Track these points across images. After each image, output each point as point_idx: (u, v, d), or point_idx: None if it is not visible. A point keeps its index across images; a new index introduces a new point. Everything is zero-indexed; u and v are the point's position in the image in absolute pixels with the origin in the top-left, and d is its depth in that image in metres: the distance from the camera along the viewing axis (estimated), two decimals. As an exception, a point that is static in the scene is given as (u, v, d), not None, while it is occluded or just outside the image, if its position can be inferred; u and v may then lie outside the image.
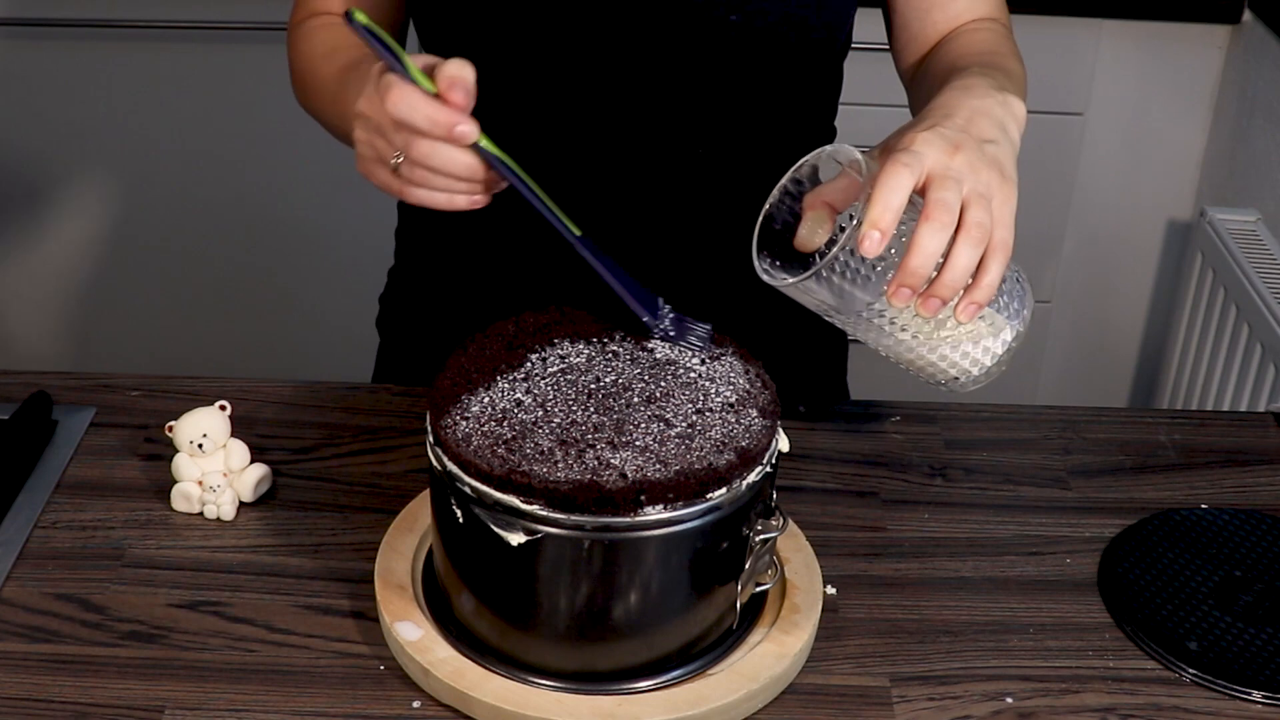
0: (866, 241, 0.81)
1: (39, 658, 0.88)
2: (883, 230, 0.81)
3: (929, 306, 0.85)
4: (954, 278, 0.84)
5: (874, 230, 0.81)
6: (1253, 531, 1.03)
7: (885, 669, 0.90)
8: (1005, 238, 0.85)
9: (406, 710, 0.86)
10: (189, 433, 0.99)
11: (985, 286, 0.85)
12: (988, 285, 0.85)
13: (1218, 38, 2.10)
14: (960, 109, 0.90)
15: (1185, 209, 2.23)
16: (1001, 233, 0.85)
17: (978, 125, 0.89)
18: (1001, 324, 0.90)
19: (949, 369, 0.92)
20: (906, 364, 0.92)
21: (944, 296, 0.84)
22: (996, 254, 0.85)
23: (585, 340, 0.92)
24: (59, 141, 2.19)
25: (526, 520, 0.81)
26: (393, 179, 0.89)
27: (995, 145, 0.88)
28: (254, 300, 2.32)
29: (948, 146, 0.85)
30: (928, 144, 0.85)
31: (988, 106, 0.91)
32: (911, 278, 0.83)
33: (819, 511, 1.04)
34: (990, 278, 0.85)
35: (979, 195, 0.84)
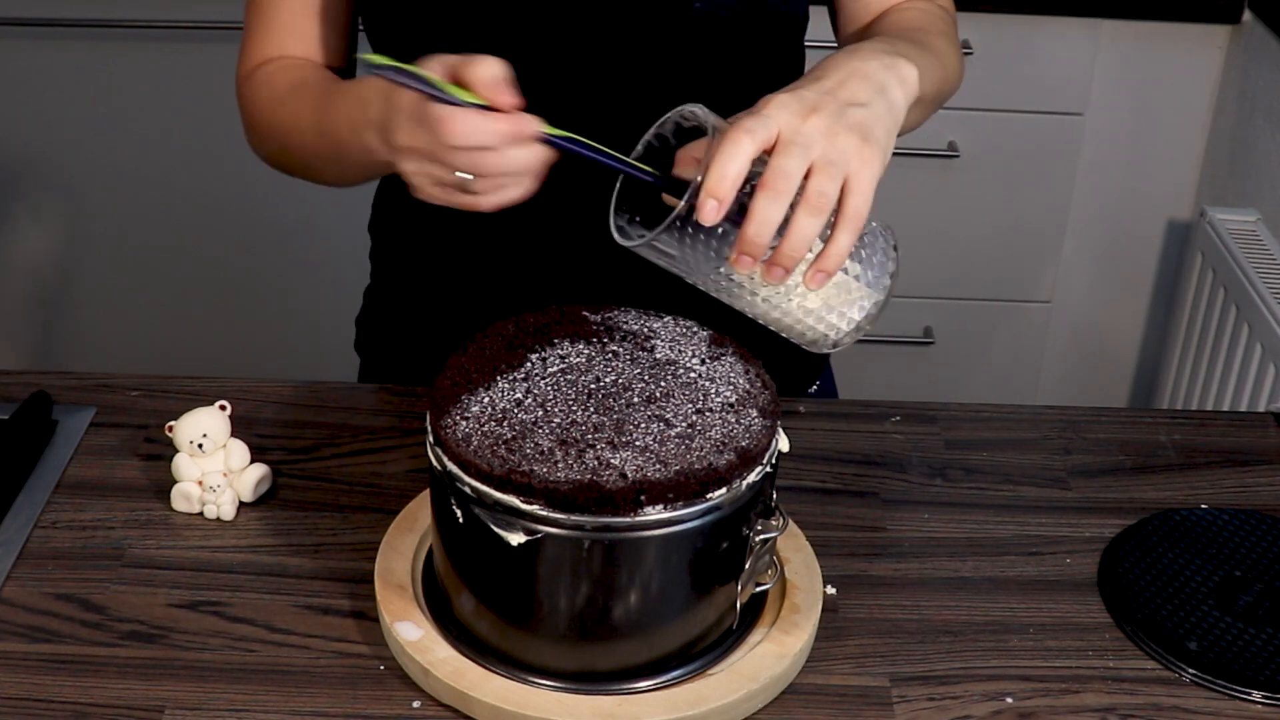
0: (704, 209, 0.80)
1: (39, 658, 0.88)
2: (719, 198, 0.80)
3: (773, 275, 0.83)
4: (794, 246, 0.82)
5: (710, 198, 0.80)
6: (1253, 531, 1.03)
7: (885, 669, 0.90)
8: (858, 206, 0.83)
9: (406, 710, 0.86)
10: (189, 433, 0.99)
11: (832, 255, 0.83)
12: (835, 254, 0.83)
13: (1218, 38, 2.10)
14: (836, 71, 0.88)
15: (1185, 209, 2.23)
16: (855, 200, 0.83)
17: (849, 87, 0.86)
18: (859, 291, 0.88)
19: (806, 332, 0.90)
20: (770, 325, 0.90)
21: (785, 265, 0.83)
22: (846, 223, 0.83)
23: (585, 340, 0.92)
24: (59, 141, 2.19)
25: (526, 520, 0.81)
26: (465, 197, 0.87)
27: (864, 108, 0.86)
28: (254, 300, 2.32)
29: (803, 109, 0.83)
30: (781, 107, 0.83)
31: (869, 69, 0.88)
32: (750, 246, 0.81)
33: (819, 511, 1.04)
34: (838, 246, 0.83)
35: (829, 163, 0.82)
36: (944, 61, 1.03)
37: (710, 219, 0.80)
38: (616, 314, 0.95)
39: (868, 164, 0.83)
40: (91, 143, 2.19)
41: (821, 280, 0.85)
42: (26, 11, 2.08)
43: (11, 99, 2.15)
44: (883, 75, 0.88)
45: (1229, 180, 2.10)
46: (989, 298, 2.29)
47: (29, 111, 2.16)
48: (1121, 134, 2.17)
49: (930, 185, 2.16)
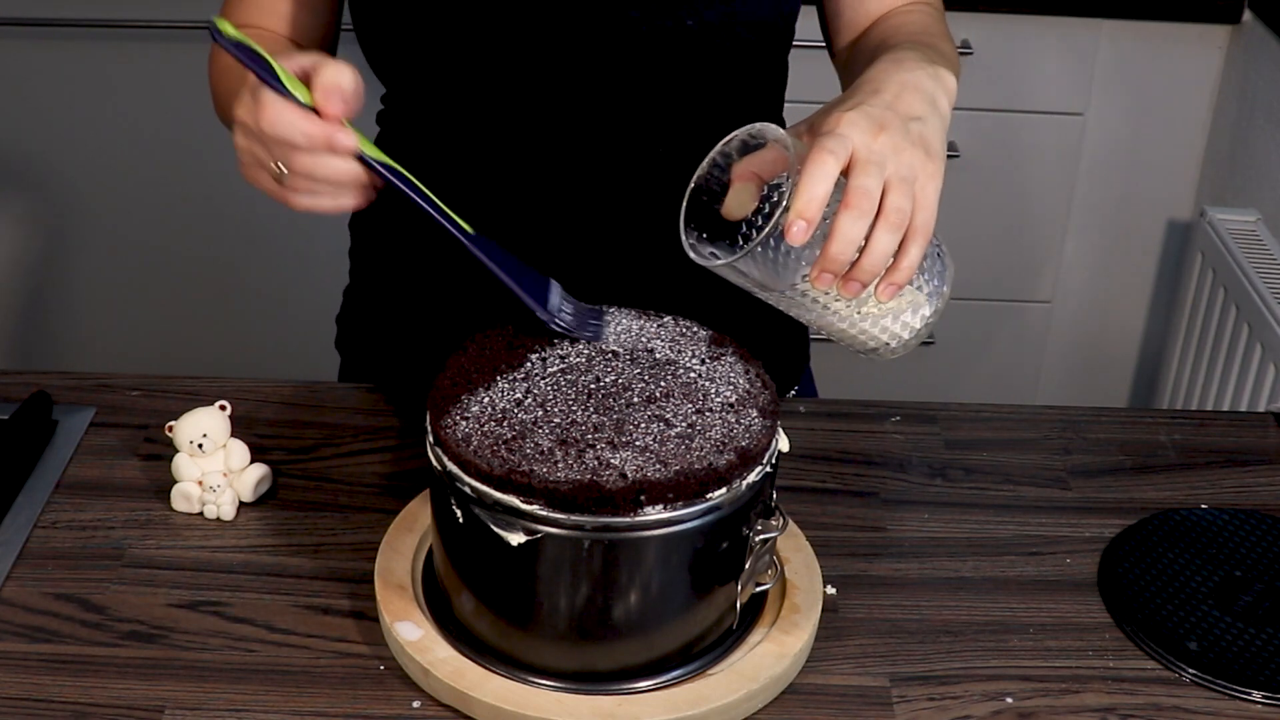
0: (793, 230, 0.81)
1: (39, 658, 0.88)
2: (808, 219, 0.81)
3: (850, 289, 0.85)
4: (873, 262, 0.84)
5: (800, 220, 0.81)
6: (1253, 531, 1.03)
7: (885, 669, 0.90)
8: (926, 220, 0.86)
9: (406, 710, 0.86)
10: (189, 433, 0.99)
11: (905, 269, 0.86)
12: (907, 267, 0.86)
13: (1218, 38, 2.10)
14: (889, 84, 0.90)
15: (1185, 209, 2.23)
16: (923, 215, 0.86)
17: (905, 101, 0.89)
18: (921, 300, 0.91)
19: (869, 341, 0.93)
20: (830, 334, 0.93)
21: (864, 280, 0.85)
22: (917, 236, 0.85)
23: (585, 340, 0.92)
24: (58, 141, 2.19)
25: (526, 520, 0.81)
26: (276, 187, 0.89)
27: (922, 122, 0.88)
28: (255, 300, 2.32)
29: (873, 127, 0.85)
30: (852, 125, 0.85)
31: (917, 80, 0.91)
32: (833, 264, 0.83)
33: (819, 511, 1.04)
34: (910, 260, 0.86)
35: (901, 179, 0.84)
36: (954, 66, 1.04)
37: (799, 240, 0.82)
38: (617, 314, 0.95)
39: (933, 178, 0.86)
40: (91, 143, 2.19)
41: (893, 292, 0.87)
42: (26, 11, 2.08)
43: (11, 99, 2.15)
44: (930, 85, 0.91)
45: (1229, 180, 2.10)
46: (989, 298, 2.29)
47: (29, 111, 2.16)
48: (1121, 134, 2.17)
49: (930, 185, 2.16)
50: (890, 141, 0.85)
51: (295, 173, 0.87)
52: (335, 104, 0.85)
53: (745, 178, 0.89)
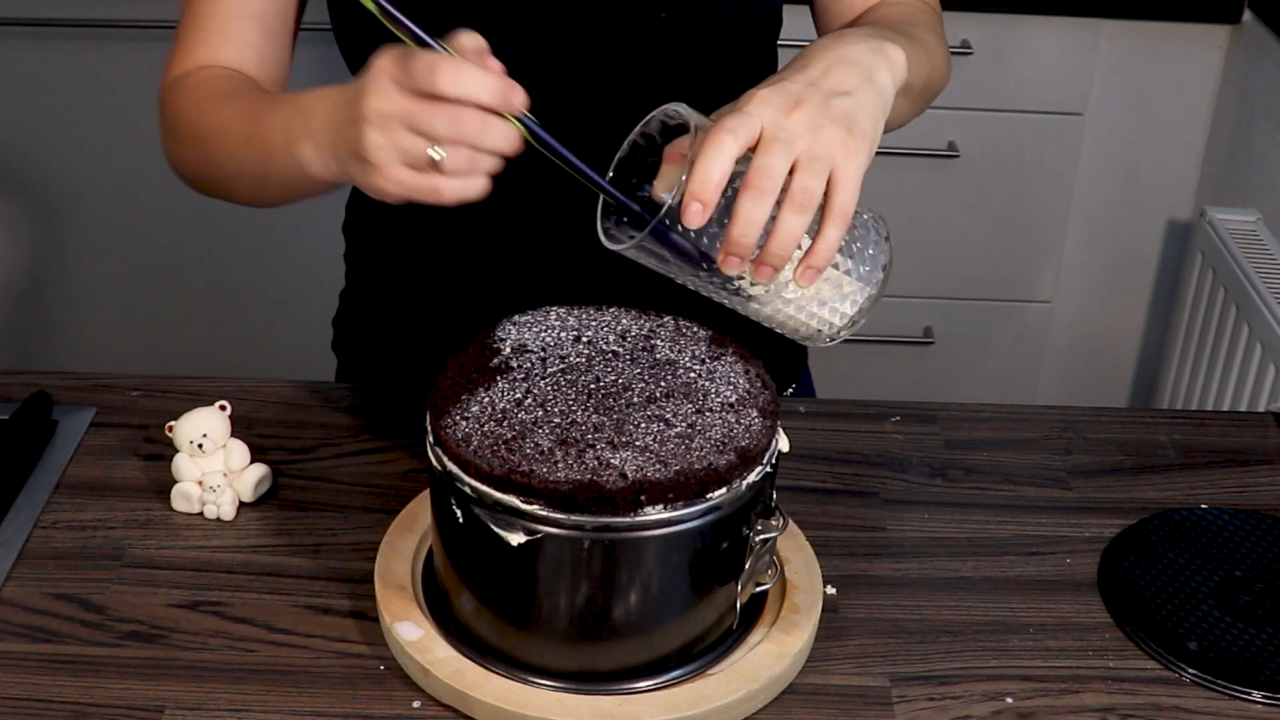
0: (688, 212, 0.79)
1: (39, 658, 0.88)
2: (704, 201, 0.79)
3: (761, 274, 0.82)
4: (781, 245, 0.81)
5: (695, 201, 0.79)
6: (1253, 531, 1.03)
7: (885, 669, 0.90)
8: (844, 200, 0.82)
9: (406, 710, 0.86)
10: (189, 433, 0.99)
11: (820, 252, 0.82)
12: (823, 250, 0.82)
13: (1218, 38, 2.10)
14: (819, 59, 0.86)
15: (1185, 209, 2.23)
16: (840, 195, 0.82)
17: (834, 75, 0.84)
18: (851, 284, 0.87)
19: (800, 328, 0.89)
20: (762, 321, 0.90)
21: (774, 264, 0.82)
22: (833, 218, 0.82)
23: (586, 340, 0.92)
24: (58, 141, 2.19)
25: (526, 520, 0.81)
26: (425, 179, 0.82)
27: (849, 97, 0.84)
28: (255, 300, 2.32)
29: (786, 103, 0.81)
30: (764, 103, 0.81)
31: (854, 54, 0.86)
32: (737, 247, 0.80)
33: (819, 511, 1.04)
34: (826, 242, 0.82)
35: (813, 157, 0.80)
36: (931, 54, 1.01)
37: (695, 222, 0.79)
38: (617, 314, 0.95)
39: (853, 156, 0.82)
40: (91, 143, 2.19)
41: (811, 277, 0.84)
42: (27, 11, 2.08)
43: (11, 99, 2.15)
44: (869, 59, 0.86)
45: (1229, 180, 2.10)
46: (989, 298, 2.29)
47: (29, 111, 2.16)
48: (1121, 134, 2.17)
49: (930, 185, 2.16)
50: (805, 118, 0.81)
51: (463, 142, 0.80)
52: (494, 61, 0.81)
53: (674, 160, 0.85)
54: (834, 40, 0.88)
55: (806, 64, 0.86)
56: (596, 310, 0.95)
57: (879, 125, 0.86)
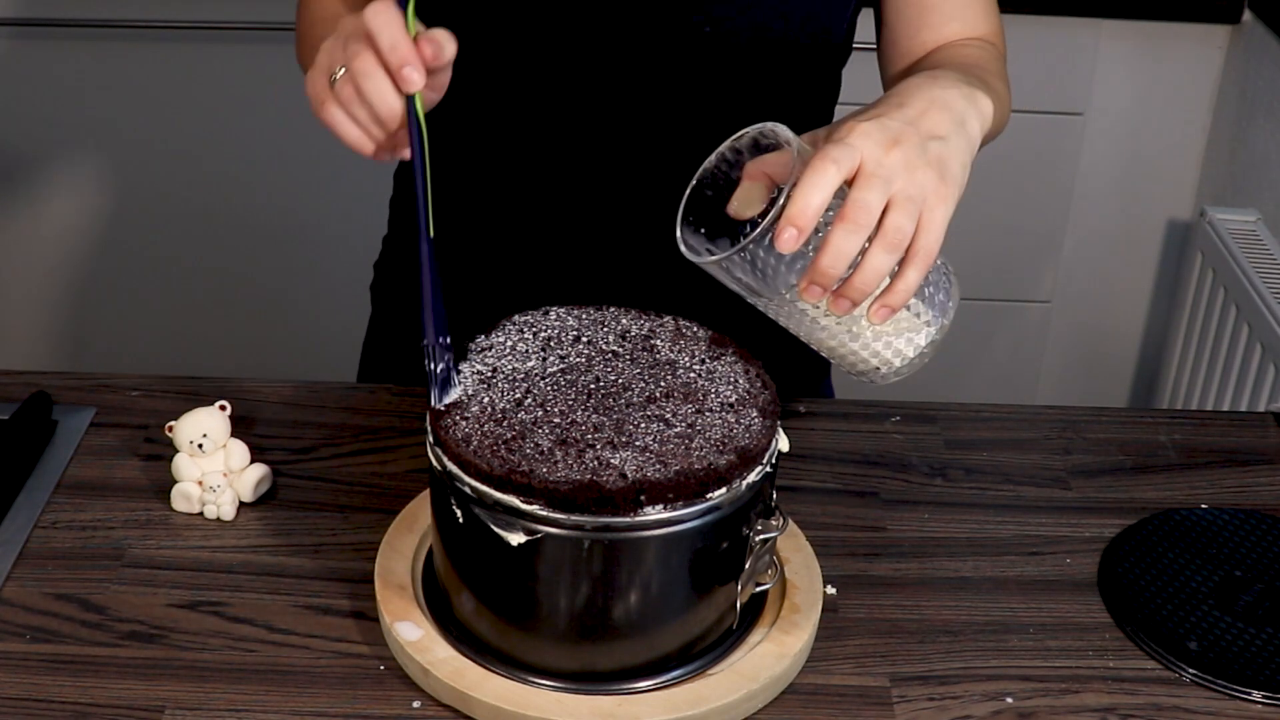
0: (783, 236, 0.79)
1: (39, 658, 0.88)
2: (800, 227, 0.79)
3: (838, 306, 0.83)
4: (865, 281, 0.81)
5: (790, 227, 0.79)
6: (1253, 531, 1.03)
7: (885, 669, 0.90)
8: (929, 243, 0.82)
9: (406, 710, 0.86)
10: (189, 433, 0.99)
11: (899, 292, 0.83)
12: (903, 290, 0.83)
13: (1218, 38, 2.10)
14: (917, 98, 0.87)
15: (1185, 209, 2.23)
16: (926, 238, 0.82)
17: (931, 118, 0.85)
18: (918, 326, 0.88)
19: (859, 364, 0.90)
20: (821, 350, 0.90)
21: (854, 298, 0.82)
22: (917, 260, 0.82)
23: (585, 340, 0.92)
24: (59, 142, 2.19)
25: (526, 520, 0.81)
26: (324, 90, 0.87)
27: (943, 142, 0.84)
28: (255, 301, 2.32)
29: (886, 140, 0.82)
30: (864, 136, 0.82)
31: (949, 98, 0.87)
32: (822, 277, 0.81)
33: (819, 511, 1.04)
34: (906, 283, 0.83)
35: (907, 198, 0.81)
36: (1003, 104, 1.02)
37: (788, 247, 0.79)
38: (617, 314, 0.95)
39: (943, 201, 0.83)
40: (91, 143, 2.19)
41: (885, 315, 0.84)
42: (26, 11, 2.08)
43: (11, 99, 2.15)
44: (962, 106, 0.88)
45: (1229, 180, 2.10)
46: (989, 298, 2.29)
47: (29, 111, 2.16)
48: (1121, 134, 2.17)
49: (930, 185, 2.16)
50: (903, 157, 0.82)
51: (352, 74, 0.85)
52: (429, 47, 0.84)
53: (755, 177, 0.86)
54: (929, 81, 0.89)
55: (904, 102, 0.86)
56: (596, 310, 0.95)
57: (966, 171, 0.87)
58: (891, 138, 0.82)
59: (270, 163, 2.18)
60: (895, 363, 0.89)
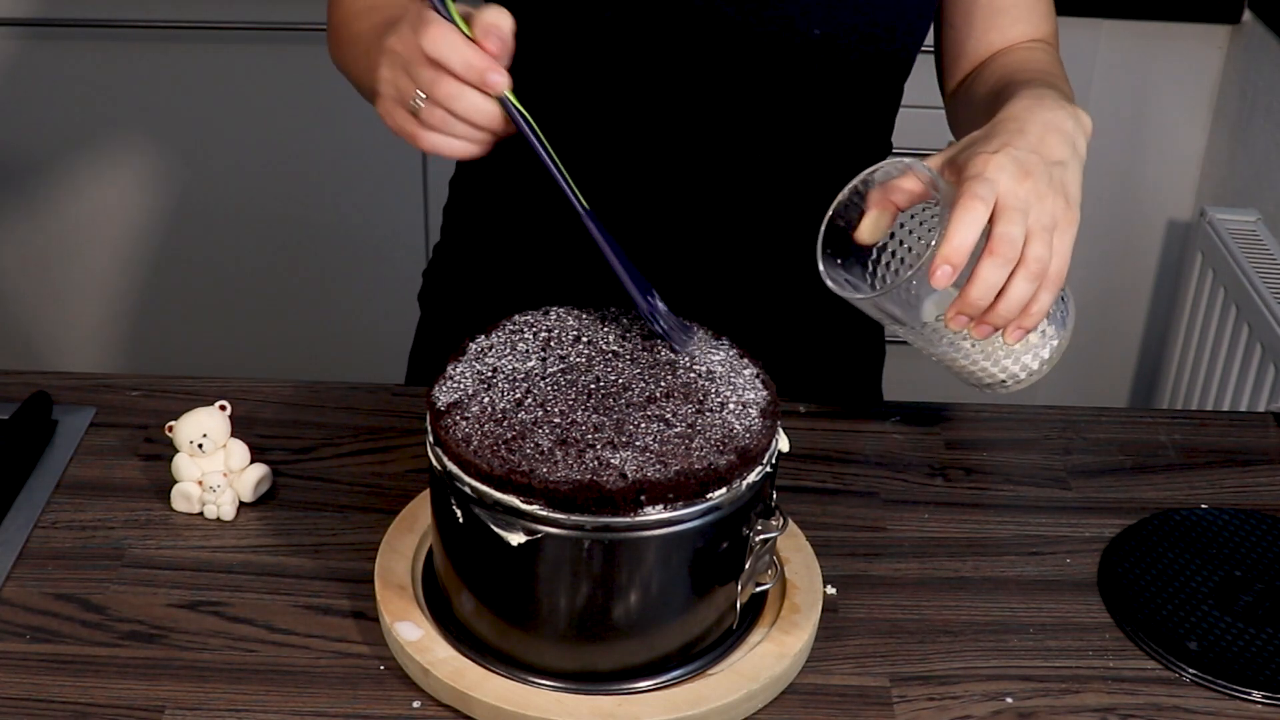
0: (938, 274, 0.84)
1: (39, 658, 0.88)
2: (955, 265, 0.84)
3: (981, 331, 0.88)
4: (1009, 309, 0.86)
5: (946, 264, 0.84)
6: (1253, 531, 1.03)
7: (885, 669, 0.90)
8: (1059, 268, 0.87)
9: (406, 710, 0.86)
10: (189, 433, 0.99)
11: (1035, 315, 0.88)
12: (1037, 313, 0.88)
13: (1218, 38, 2.10)
14: (1032, 124, 0.90)
15: (1185, 209, 2.23)
16: (1056, 263, 0.87)
17: (1049, 144, 0.89)
18: (1042, 342, 0.95)
19: (987, 379, 0.97)
20: (950, 368, 0.97)
21: (997, 325, 0.87)
22: (1050, 285, 0.87)
23: (585, 340, 0.92)
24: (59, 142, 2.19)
25: (526, 520, 0.81)
26: (409, 121, 0.88)
27: (1063, 168, 0.88)
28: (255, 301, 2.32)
29: (1019, 172, 0.86)
30: (1000, 170, 0.85)
31: (1059, 120, 0.91)
32: (970, 308, 0.86)
33: (819, 511, 1.04)
34: (1040, 306, 0.87)
35: (1042, 228, 0.86)
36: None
37: (943, 284, 0.84)
38: (617, 314, 0.95)
39: (1071, 225, 0.88)
40: (92, 143, 2.19)
41: (1019, 336, 0.89)
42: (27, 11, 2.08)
43: (11, 99, 2.15)
44: (1071, 127, 0.91)
45: (1229, 180, 2.10)
46: (989, 298, 2.29)
47: (29, 111, 2.16)
48: (1121, 134, 2.17)
49: (930, 185, 2.16)
50: (1035, 188, 0.86)
51: (437, 102, 0.85)
52: (494, 42, 0.84)
53: (882, 205, 0.90)
54: (1037, 104, 0.92)
55: (1022, 129, 0.90)
56: (597, 310, 0.95)
57: (1080, 191, 0.90)
58: (1023, 169, 0.86)
59: (272, 162, 2.18)
60: (1021, 375, 0.96)
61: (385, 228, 2.21)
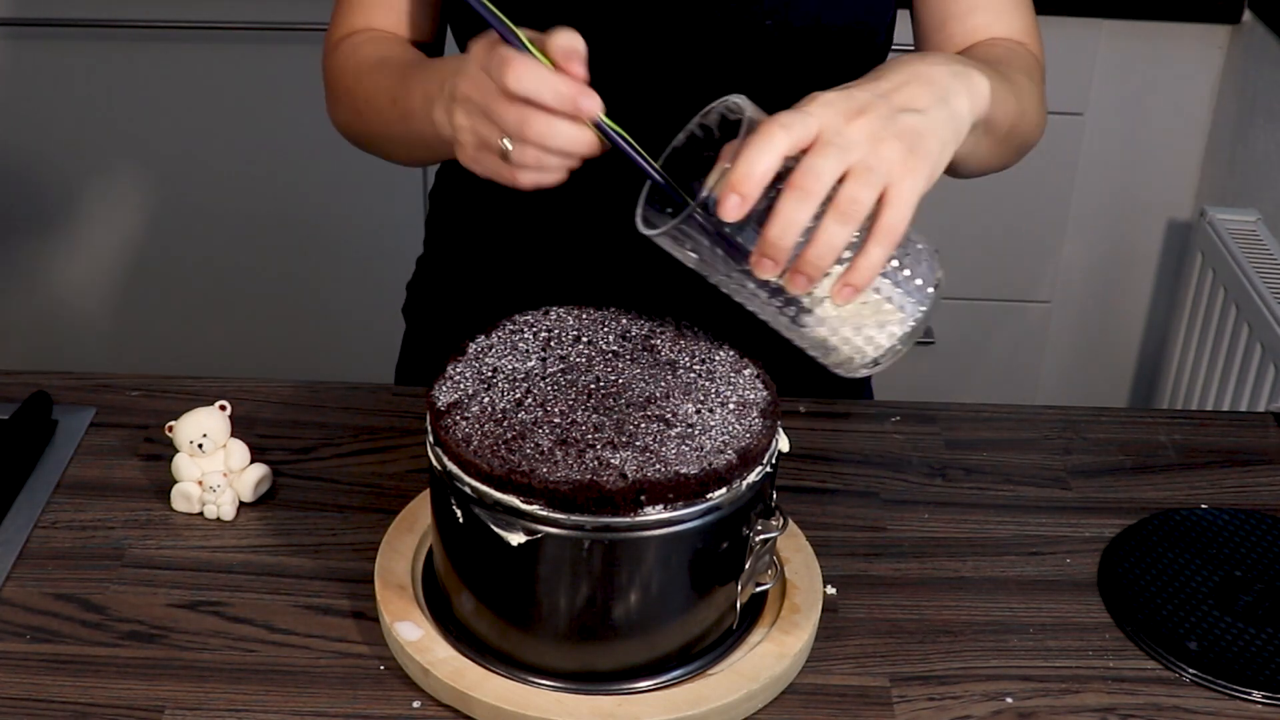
0: (726, 205, 0.76)
1: (39, 658, 0.88)
2: (743, 194, 0.75)
3: (796, 283, 0.79)
4: (819, 254, 0.77)
5: (733, 193, 0.76)
6: (1253, 531, 1.03)
7: (885, 669, 0.90)
8: (894, 219, 0.78)
9: (406, 710, 0.86)
10: (189, 433, 0.99)
11: (862, 269, 0.78)
12: (865, 267, 0.78)
13: (1218, 38, 2.10)
14: (897, 73, 0.83)
15: (1185, 209, 2.23)
16: (891, 214, 0.78)
17: (908, 91, 0.81)
18: (891, 313, 0.82)
19: (831, 353, 0.85)
20: (795, 340, 0.86)
21: (809, 273, 0.78)
22: (881, 235, 0.78)
23: (585, 340, 0.92)
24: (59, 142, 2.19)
25: (526, 520, 0.81)
26: (501, 166, 0.84)
27: (920, 115, 0.80)
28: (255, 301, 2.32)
29: (849, 110, 0.78)
30: (825, 105, 0.78)
31: (934, 74, 0.83)
32: (771, 248, 0.77)
33: (819, 511, 1.04)
34: (869, 260, 0.78)
35: (867, 169, 0.77)
36: (1021, 98, 0.97)
37: (732, 215, 0.76)
38: (617, 314, 0.95)
39: (910, 174, 0.78)
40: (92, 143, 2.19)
41: (849, 295, 0.80)
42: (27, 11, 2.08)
43: (12, 99, 2.15)
44: (949, 82, 0.83)
45: (1229, 180, 2.10)
46: (989, 298, 2.29)
47: (29, 111, 2.16)
48: (1121, 134, 2.17)
49: (930, 185, 2.16)
50: (866, 128, 0.78)
51: (529, 141, 0.81)
52: (579, 66, 0.81)
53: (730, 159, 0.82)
54: (916, 57, 0.85)
55: (880, 76, 0.83)
56: (597, 310, 0.95)
57: (947, 150, 0.82)
58: (856, 107, 0.79)
59: (271, 162, 2.18)
60: (868, 351, 0.84)
61: (388, 227, 2.21)
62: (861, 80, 0.83)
